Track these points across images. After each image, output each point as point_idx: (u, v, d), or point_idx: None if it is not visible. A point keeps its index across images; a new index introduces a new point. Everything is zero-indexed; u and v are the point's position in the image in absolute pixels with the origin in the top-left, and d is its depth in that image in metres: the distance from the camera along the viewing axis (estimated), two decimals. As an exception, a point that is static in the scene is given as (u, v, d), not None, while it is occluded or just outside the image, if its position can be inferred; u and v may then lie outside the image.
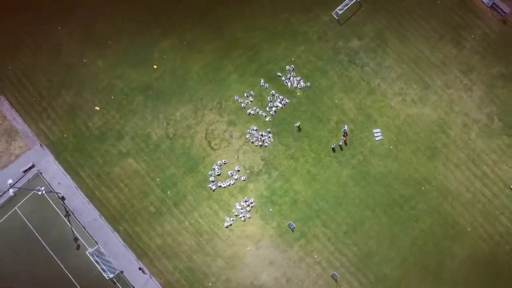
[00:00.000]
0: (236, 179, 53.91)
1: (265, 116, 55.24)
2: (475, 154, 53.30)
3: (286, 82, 55.90)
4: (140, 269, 52.43)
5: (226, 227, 53.04)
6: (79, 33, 58.91)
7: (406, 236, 51.87)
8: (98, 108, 56.48)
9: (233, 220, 53.07)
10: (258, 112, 55.32)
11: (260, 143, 54.62)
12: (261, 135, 54.70)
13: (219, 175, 54.19)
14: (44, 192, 52.13)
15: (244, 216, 53.08)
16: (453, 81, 55.22)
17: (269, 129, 54.85)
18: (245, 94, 55.92)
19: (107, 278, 51.02)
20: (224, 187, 53.87)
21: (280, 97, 55.40)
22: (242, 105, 55.62)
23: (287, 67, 56.29)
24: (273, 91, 55.65)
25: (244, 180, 53.96)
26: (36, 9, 59.76)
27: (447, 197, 52.54)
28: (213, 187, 53.86)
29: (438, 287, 50.43)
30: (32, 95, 57.42)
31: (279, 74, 56.12)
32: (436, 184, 52.84)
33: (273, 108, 55.27)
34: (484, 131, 53.68)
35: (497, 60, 55.38)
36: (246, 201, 53.29)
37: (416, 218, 52.05)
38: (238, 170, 54.17)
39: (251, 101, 55.66)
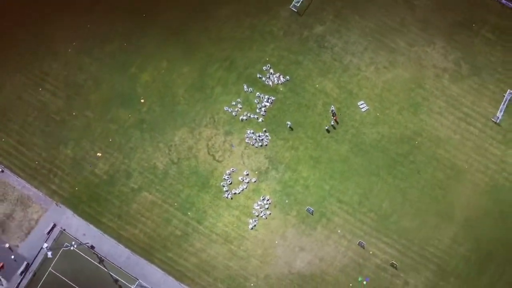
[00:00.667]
0: (247, 182, 57.14)
1: (257, 118, 58.55)
2: (452, 99, 57.94)
3: (267, 82, 59.30)
4: (184, 290, 55.26)
5: (251, 229, 56.27)
6: (60, 89, 60.83)
7: (413, 189, 56.15)
8: (100, 154, 58.68)
9: (255, 220, 56.34)
10: (249, 116, 58.58)
11: (260, 144, 57.93)
12: (258, 136, 58.01)
13: (231, 183, 57.30)
14: (74, 247, 54.20)
15: (264, 214, 56.40)
16: (415, 39, 59.67)
17: (264, 129, 58.18)
18: (233, 103, 59.06)
19: (157, 308, 53.71)
20: (239, 193, 57.04)
21: (266, 96, 58.79)
22: (233, 113, 58.77)
23: (264, 67, 59.67)
24: (257, 93, 58.98)
25: (255, 181, 57.23)
26: (11, 76, 61.32)
27: (439, 144, 57.07)
28: (229, 196, 56.96)
29: (454, 227, 54.86)
30: (33, 159, 59.15)
31: (259, 75, 59.46)
32: (427, 135, 57.29)
33: (262, 109, 58.61)
34: (455, 77, 58.36)
35: (449, 10, 60.07)
36: (262, 200, 56.60)
37: (418, 170, 56.41)
38: (247, 174, 57.38)
39: (240, 108, 58.85)
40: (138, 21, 62.13)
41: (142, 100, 59.77)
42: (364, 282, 54.28)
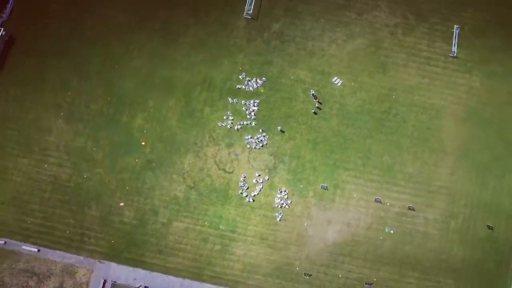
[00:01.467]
0: (262, 182, 62.25)
1: (250, 123, 63.51)
2: (411, 49, 64.29)
3: (247, 88, 64.22)
4: (241, 295, 60.18)
5: (279, 221, 61.53)
6: (64, 159, 64.04)
7: (405, 137, 62.45)
8: (123, 204, 62.58)
9: (281, 212, 61.62)
10: (243, 124, 63.49)
11: (260, 145, 63.00)
12: (257, 138, 63.04)
13: (248, 188, 62.27)
14: (132, 292, 58.41)
15: (286, 204, 61.72)
16: (362, 8, 65.53)
17: (260, 129, 63.23)
18: (224, 117, 63.80)
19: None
20: (258, 194, 62.10)
21: (251, 101, 63.74)
22: (228, 126, 63.55)
23: (240, 77, 64.52)
24: (243, 101, 63.86)
25: (268, 179, 62.39)
26: (15, 162, 64.19)
27: (413, 91, 63.42)
28: (250, 200, 61.98)
29: (450, 157, 61.53)
30: (64, 230, 62.49)
31: (238, 86, 64.29)
32: (400, 87, 63.54)
33: (252, 113, 63.57)
34: (407, 29, 64.68)
35: (381, -27, 66.24)
36: (280, 193, 61.88)
37: (403, 120, 62.70)
38: (259, 175, 62.46)
39: (232, 120, 63.66)
40: (113, 74, 65.66)
41: (143, 143, 63.78)
42: (391, 231, 60.51)
